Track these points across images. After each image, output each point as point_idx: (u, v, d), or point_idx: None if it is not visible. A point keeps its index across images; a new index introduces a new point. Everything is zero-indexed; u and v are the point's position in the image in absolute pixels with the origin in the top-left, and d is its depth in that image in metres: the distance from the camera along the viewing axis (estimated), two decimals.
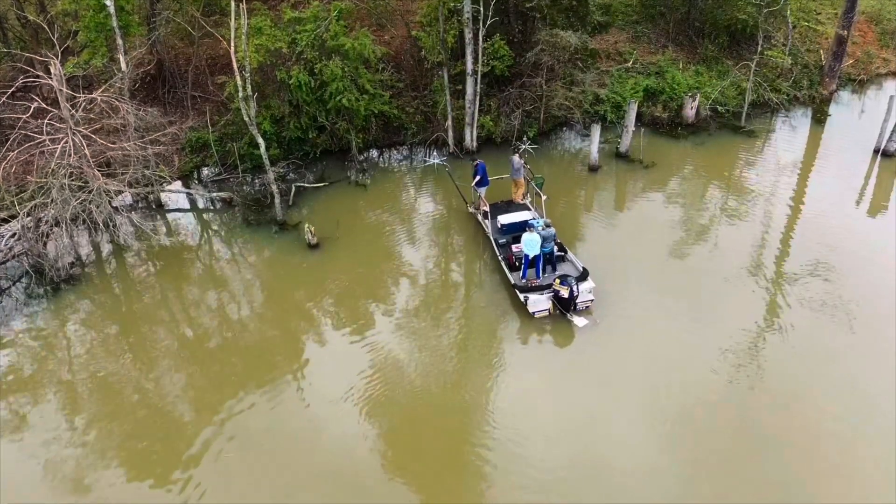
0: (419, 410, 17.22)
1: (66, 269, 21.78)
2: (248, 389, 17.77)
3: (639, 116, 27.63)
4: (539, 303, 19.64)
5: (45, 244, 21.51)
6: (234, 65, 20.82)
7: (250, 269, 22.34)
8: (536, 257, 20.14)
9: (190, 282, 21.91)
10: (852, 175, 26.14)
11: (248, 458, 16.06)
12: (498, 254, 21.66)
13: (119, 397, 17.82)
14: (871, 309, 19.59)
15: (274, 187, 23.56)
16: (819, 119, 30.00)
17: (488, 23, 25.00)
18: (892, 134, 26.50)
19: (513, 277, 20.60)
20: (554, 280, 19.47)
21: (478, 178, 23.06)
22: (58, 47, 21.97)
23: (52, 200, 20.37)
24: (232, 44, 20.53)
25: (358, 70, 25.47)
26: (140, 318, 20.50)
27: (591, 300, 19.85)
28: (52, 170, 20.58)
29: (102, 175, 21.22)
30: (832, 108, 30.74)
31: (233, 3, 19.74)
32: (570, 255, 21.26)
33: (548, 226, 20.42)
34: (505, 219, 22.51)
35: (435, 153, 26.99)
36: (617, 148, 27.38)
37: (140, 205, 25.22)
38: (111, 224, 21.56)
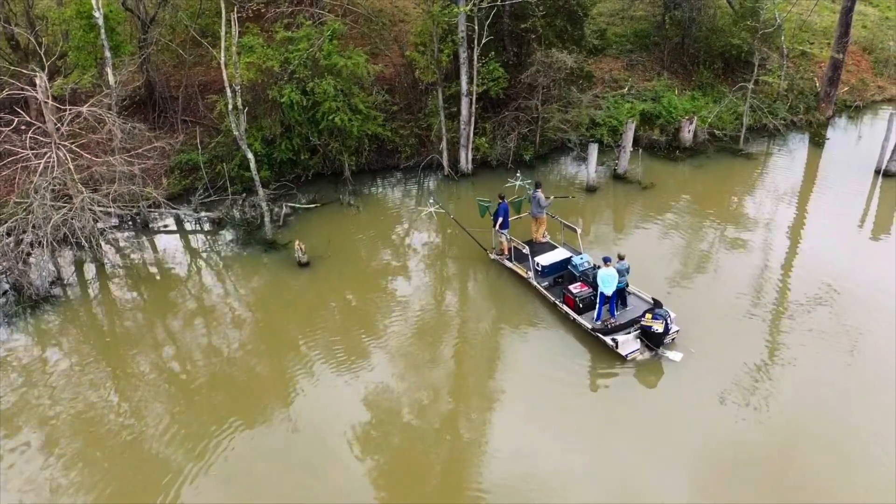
0: (415, 451, 15.97)
1: (45, 288, 21.01)
2: (235, 425, 16.55)
3: (636, 140, 27.34)
4: (629, 343, 17.89)
5: (25, 261, 20.72)
6: (224, 75, 20.37)
7: (238, 292, 21.53)
8: (613, 294, 18.41)
9: (175, 305, 21.01)
10: (854, 197, 25.69)
11: (234, 497, 14.88)
12: (550, 297, 19.89)
13: (97, 430, 16.59)
14: (876, 340, 18.52)
15: (264, 205, 23.01)
16: (817, 142, 29.77)
17: (483, 42, 24.81)
18: (892, 153, 26.19)
19: (585, 321, 18.70)
20: (644, 316, 17.89)
21: (500, 219, 21.21)
22: (45, 60, 21.54)
23: (31, 214, 19.64)
24: (222, 54, 20.12)
25: (351, 90, 25.11)
26: (122, 344, 19.48)
27: (678, 331, 18.32)
28: (35, 186, 19.95)
29: (87, 191, 20.60)
30: (829, 133, 30.54)
31: (223, 11, 19.37)
32: (631, 286, 19.57)
33: (621, 258, 18.87)
34: (543, 260, 20.57)
35: (431, 199, 24.44)
36: (614, 169, 26.99)
37: (126, 225, 24.53)
38: (94, 243, 20.85)
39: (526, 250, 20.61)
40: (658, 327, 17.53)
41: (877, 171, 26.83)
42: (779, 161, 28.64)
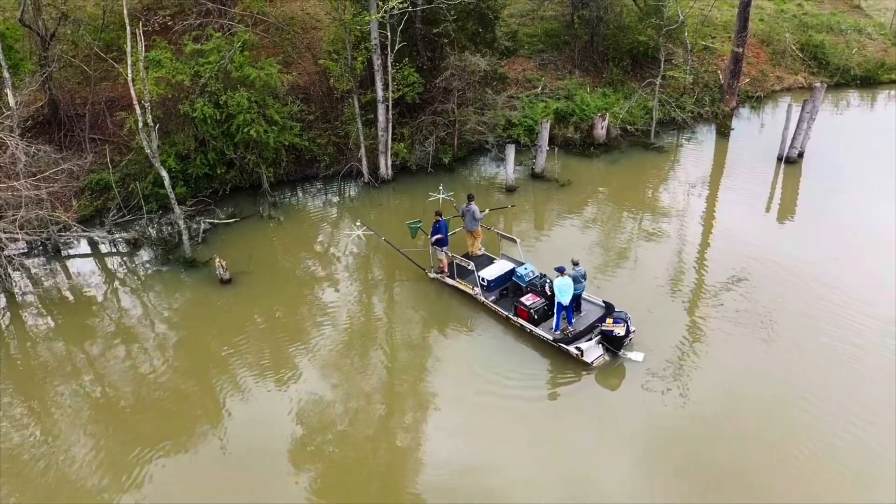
0: (352, 459, 15.87)
1: None
2: (163, 448, 16.14)
3: (552, 139, 27.88)
4: (594, 349, 17.85)
5: None
6: (132, 92, 19.81)
7: (160, 313, 20.97)
8: (570, 301, 18.23)
9: (94, 330, 20.31)
10: (759, 184, 26.86)
11: None
12: (501, 312, 19.51)
13: (17, 464, 15.93)
14: (787, 313, 19.50)
15: (181, 223, 22.46)
16: (723, 133, 31.03)
17: (396, 48, 24.87)
18: (792, 141, 27.49)
19: (544, 332, 18.48)
20: (604, 321, 17.99)
21: (439, 236, 20.58)
22: None
23: None
24: (129, 71, 19.57)
25: (265, 101, 24.79)
26: (38, 373, 18.75)
27: (634, 331, 18.32)
28: None
29: None
30: (734, 123, 31.86)
31: (128, 27, 18.84)
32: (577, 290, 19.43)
33: (575, 264, 18.63)
34: (487, 274, 20.20)
35: (358, 222, 23.11)
36: (532, 168, 27.47)
37: (37, 252, 23.58)
38: (2, 272, 19.99)
39: (471, 266, 20.17)
40: (620, 331, 17.64)
41: (779, 158, 28.11)
42: (689, 152, 29.73)
